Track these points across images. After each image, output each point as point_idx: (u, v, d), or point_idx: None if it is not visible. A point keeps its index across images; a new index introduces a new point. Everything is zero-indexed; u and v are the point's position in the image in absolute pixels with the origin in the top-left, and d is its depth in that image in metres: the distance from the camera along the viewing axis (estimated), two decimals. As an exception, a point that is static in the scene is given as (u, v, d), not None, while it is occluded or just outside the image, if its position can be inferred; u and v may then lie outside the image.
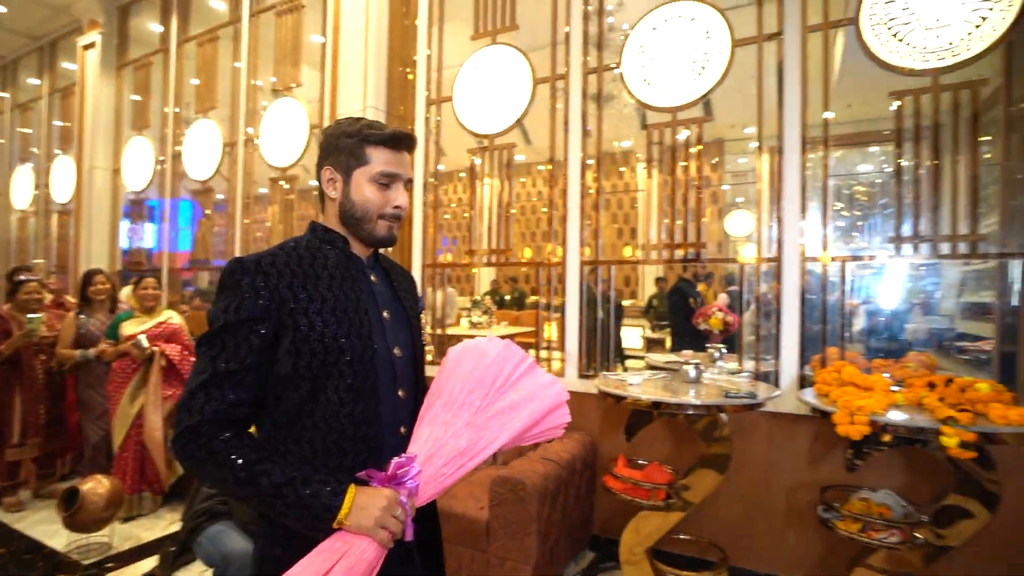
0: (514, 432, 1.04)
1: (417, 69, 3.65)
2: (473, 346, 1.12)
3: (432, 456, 1.00)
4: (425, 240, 3.59)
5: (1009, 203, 2.44)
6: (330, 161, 1.12)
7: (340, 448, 1.02)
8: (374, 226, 1.11)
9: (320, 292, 1.05)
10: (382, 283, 1.17)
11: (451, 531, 2.46)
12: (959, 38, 2.26)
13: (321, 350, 1.02)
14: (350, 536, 0.94)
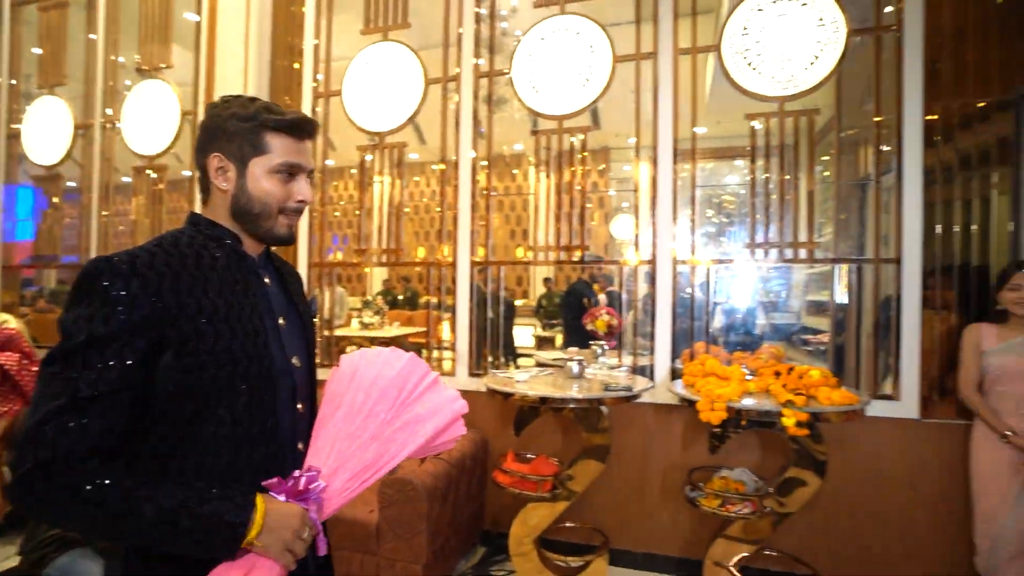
0: (418, 444, 1.01)
1: (304, 59, 3.49)
2: (375, 355, 1.06)
3: (338, 469, 0.94)
4: (312, 238, 3.45)
5: (840, 216, 2.85)
6: (219, 147, 0.97)
7: (234, 473, 0.92)
8: (274, 223, 1.00)
9: (210, 298, 0.92)
10: (276, 285, 1.06)
11: (339, 536, 2.40)
12: (800, 71, 2.59)
13: (212, 364, 0.90)
14: (253, 557, 0.84)
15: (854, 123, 2.74)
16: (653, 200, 2.85)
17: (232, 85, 3.46)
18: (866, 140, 2.68)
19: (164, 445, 0.89)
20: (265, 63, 3.54)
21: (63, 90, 4.14)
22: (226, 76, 3.49)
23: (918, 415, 2.50)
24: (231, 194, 0.98)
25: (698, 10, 2.85)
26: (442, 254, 3.20)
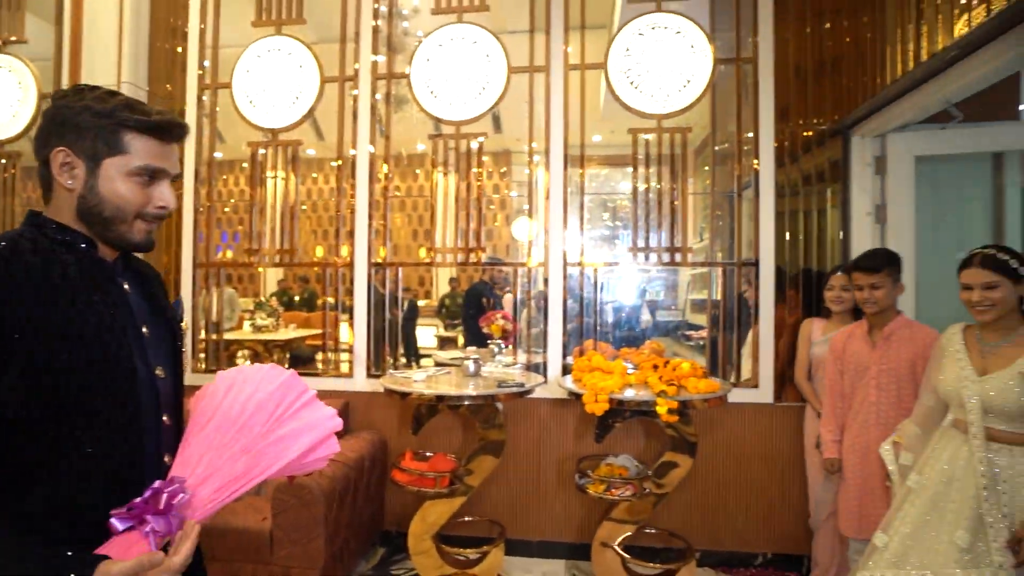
0: (288, 460, 1.00)
1: (188, 45, 3.29)
2: (254, 372, 1.05)
3: (207, 479, 0.92)
4: (198, 237, 3.26)
5: (717, 224, 3.17)
6: (66, 141, 0.89)
7: (93, 498, 0.86)
8: (128, 228, 0.93)
9: (61, 309, 0.84)
10: (136, 292, 1.00)
11: (229, 548, 2.32)
12: (675, 92, 2.86)
13: (67, 383, 0.83)
14: None
15: (728, 139, 3.07)
16: (546, 205, 3.01)
17: (103, 67, 3.17)
18: (734, 155, 3.02)
19: (18, 476, 0.81)
20: (143, 43, 3.28)
21: None
22: (96, 56, 3.20)
23: (772, 400, 2.86)
24: (77, 193, 0.91)
25: (589, 25, 3.05)
26: (339, 254, 3.16)
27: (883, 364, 2.14)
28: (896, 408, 2.11)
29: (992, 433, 1.66)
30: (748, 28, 2.91)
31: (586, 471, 2.56)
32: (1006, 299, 1.67)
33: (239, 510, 2.40)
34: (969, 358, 1.75)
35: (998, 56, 1.94)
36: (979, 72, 2.06)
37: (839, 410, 2.30)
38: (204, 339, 3.28)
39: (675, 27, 2.85)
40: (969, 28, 1.92)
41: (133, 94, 3.08)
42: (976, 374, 1.71)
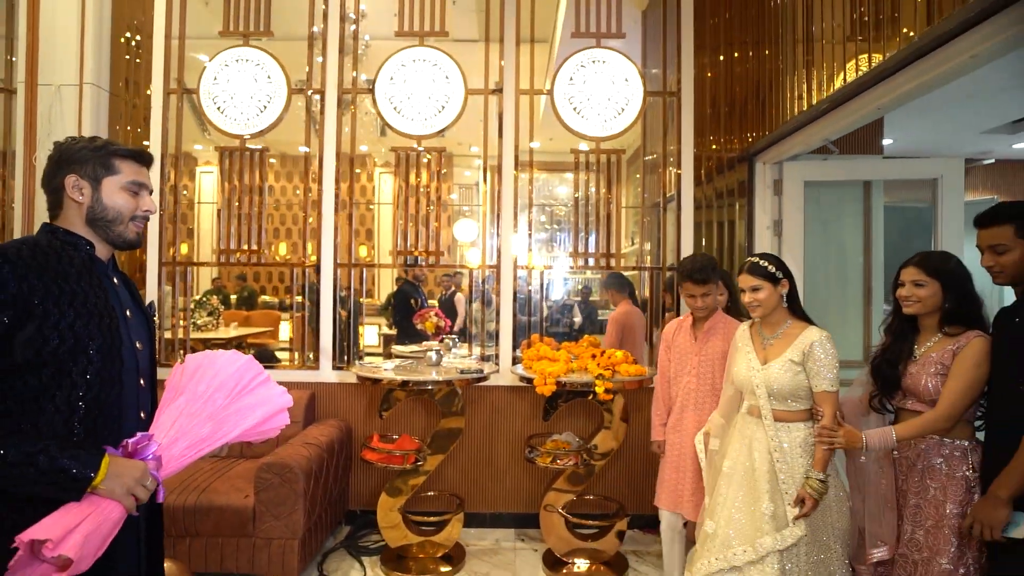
0: (247, 426, 1.24)
1: (154, 50, 3.38)
2: (218, 355, 1.28)
3: (177, 439, 1.15)
4: (163, 237, 3.37)
5: (645, 231, 3.64)
6: (74, 169, 1.22)
7: (84, 427, 1.11)
8: (125, 228, 1.26)
9: (69, 286, 1.13)
10: (122, 285, 1.31)
11: (213, 524, 2.53)
12: (611, 117, 3.30)
13: (70, 337, 1.10)
14: (98, 499, 1.04)
15: (656, 150, 3.52)
16: (498, 212, 3.37)
17: (63, 65, 3.20)
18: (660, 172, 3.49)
19: (18, 407, 1.08)
20: (105, 46, 3.34)
21: None
22: (55, 54, 3.20)
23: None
24: (87, 206, 1.23)
25: (536, 39, 3.42)
26: (288, 254, 3.37)
27: (702, 355, 2.36)
28: (710, 395, 2.34)
29: (776, 414, 1.91)
30: (673, 66, 3.39)
31: (535, 446, 2.95)
32: (769, 299, 1.93)
33: (222, 490, 2.61)
34: (755, 350, 1.99)
35: (864, 107, 2.45)
36: (849, 119, 2.59)
37: (667, 395, 2.50)
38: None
39: (612, 62, 3.29)
40: (844, 83, 2.42)
41: (95, 95, 3.19)
42: (760, 364, 1.96)
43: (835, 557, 1.90)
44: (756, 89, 3.22)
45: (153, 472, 1.10)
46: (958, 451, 1.74)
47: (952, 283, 1.78)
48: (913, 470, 1.81)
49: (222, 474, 2.80)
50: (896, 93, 2.16)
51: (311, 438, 2.87)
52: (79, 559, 0.97)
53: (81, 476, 1.02)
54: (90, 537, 1.00)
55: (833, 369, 1.87)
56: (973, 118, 4.10)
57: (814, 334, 1.90)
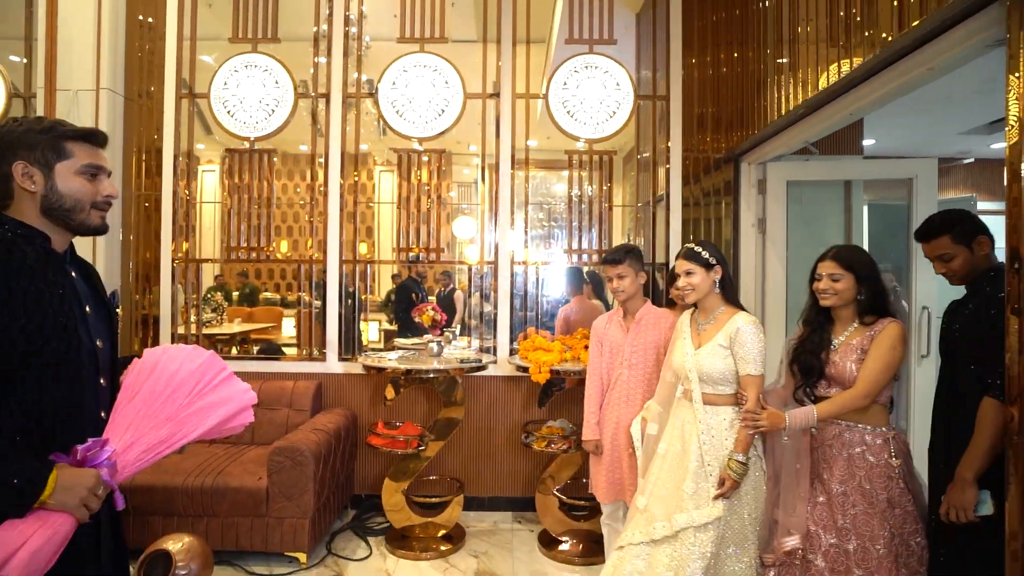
0: (208, 426, 1.18)
1: (166, 54, 3.53)
2: (177, 351, 1.21)
3: (133, 443, 1.09)
4: (176, 235, 3.53)
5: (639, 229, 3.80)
6: (21, 156, 1.11)
7: (40, 432, 1.05)
8: (87, 216, 1.16)
9: (21, 285, 1.04)
10: (82, 279, 1.21)
11: (228, 505, 2.70)
12: (603, 120, 3.46)
13: (22, 341, 1.02)
14: (46, 513, 0.97)
15: (647, 149, 3.68)
16: (495, 209, 3.54)
17: (80, 71, 3.35)
18: (650, 171, 3.65)
19: None
20: (120, 52, 3.49)
21: None
22: (71, 60, 3.35)
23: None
24: (40, 194, 1.12)
25: (532, 39, 3.58)
26: (290, 251, 3.53)
27: (634, 346, 2.38)
28: (643, 385, 2.36)
29: (706, 397, 1.96)
30: (663, 70, 3.55)
31: (531, 432, 3.12)
32: (702, 284, 1.98)
33: (237, 473, 2.78)
34: (691, 336, 2.04)
35: (839, 112, 2.60)
36: (827, 123, 2.73)
37: (600, 392, 2.50)
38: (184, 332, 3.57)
39: (604, 67, 3.45)
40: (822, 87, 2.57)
41: (111, 100, 3.35)
42: (694, 349, 2.00)
43: (750, 547, 1.92)
44: (741, 91, 3.37)
45: (106, 479, 1.04)
46: (880, 439, 1.81)
47: (865, 275, 1.86)
48: (838, 459, 1.84)
49: (235, 459, 2.96)
50: (867, 99, 2.30)
51: (319, 425, 3.04)
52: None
53: (28, 492, 0.96)
54: (37, 554, 0.95)
55: (758, 354, 1.90)
56: (951, 120, 4.28)
57: (741, 319, 1.94)
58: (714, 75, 3.52)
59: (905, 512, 1.79)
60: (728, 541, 1.92)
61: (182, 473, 2.75)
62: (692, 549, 1.86)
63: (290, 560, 2.79)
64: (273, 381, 3.40)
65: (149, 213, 3.56)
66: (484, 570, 2.83)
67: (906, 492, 1.80)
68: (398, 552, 2.94)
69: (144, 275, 3.56)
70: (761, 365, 1.92)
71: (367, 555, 2.94)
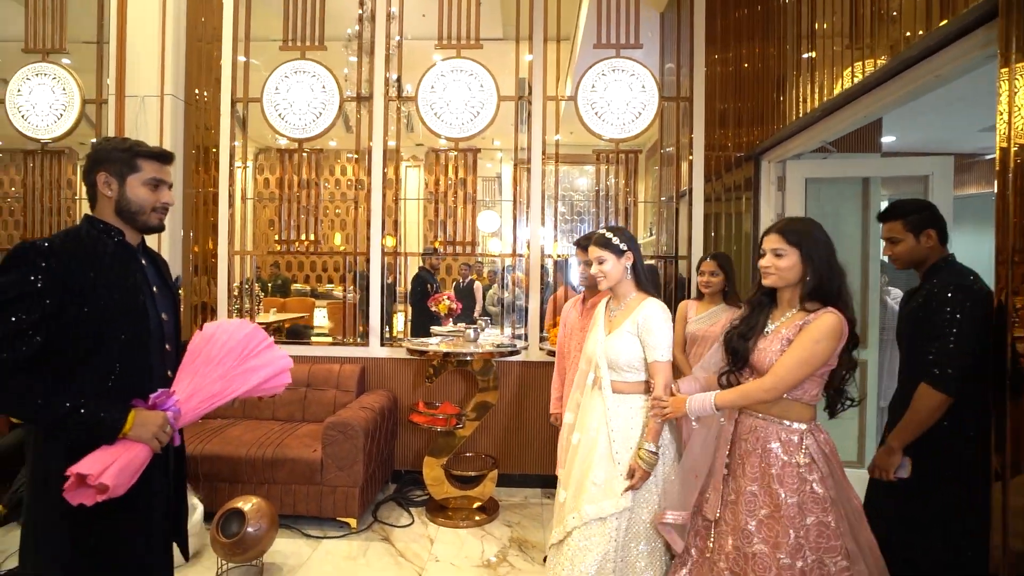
0: (251, 384, 1.45)
1: (222, 62, 3.82)
2: (228, 324, 1.48)
3: (193, 394, 1.38)
4: (232, 230, 3.83)
5: (662, 223, 4.00)
6: (104, 168, 1.40)
7: (119, 387, 1.33)
8: (148, 217, 1.44)
9: (102, 271, 1.33)
10: (150, 265, 1.50)
11: (286, 473, 2.98)
12: (629, 121, 3.65)
13: (105, 315, 1.31)
14: (128, 442, 1.28)
15: (671, 144, 3.86)
16: (527, 206, 3.76)
17: (146, 78, 3.64)
18: (673, 166, 3.83)
19: (66, 370, 1.30)
20: (181, 59, 3.78)
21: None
22: (139, 69, 3.65)
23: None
24: (114, 199, 1.41)
25: (561, 37, 3.79)
26: (333, 243, 3.78)
27: (585, 330, 2.37)
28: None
29: (614, 385, 1.92)
30: (687, 70, 3.73)
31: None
32: (613, 271, 1.94)
33: (294, 445, 3.06)
34: (604, 323, 2.00)
35: (856, 114, 2.71)
36: (844, 123, 2.87)
37: (563, 369, 2.57)
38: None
39: (630, 70, 3.64)
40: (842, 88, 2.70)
41: (174, 105, 3.64)
42: (605, 336, 1.96)
43: (660, 540, 1.88)
44: (762, 88, 3.52)
45: (171, 421, 1.34)
46: (795, 435, 1.61)
47: (814, 254, 1.60)
48: (751, 455, 1.66)
49: (291, 433, 3.25)
50: (884, 102, 2.43)
51: (366, 404, 3.31)
52: (114, 486, 1.23)
53: (114, 426, 1.27)
54: (123, 470, 1.25)
55: (665, 339, 1.86)
56: (970, 117, 4.36)
57: (649, 305, 1.90)
58: (736, 72, 3.68)
59: (820, 524, 1.54)
60: (638, 535, 1.87)
61: (245, 445, 3.04)
62: (592, 541, 1.83)
63: (341, 525, 3.07)
64: (321, 364, 3.68)
65: (206, 209, 3.86)
66: (517, 537, 3.08)
67: (822, 500, 1.55)
68: (438, 520, 3.20)
69: (201, 266, 3.87)
70: (668, 351, 1.86)
71: (410, 523, 3.21)
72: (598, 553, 1.81)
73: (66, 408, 1.22)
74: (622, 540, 1.84)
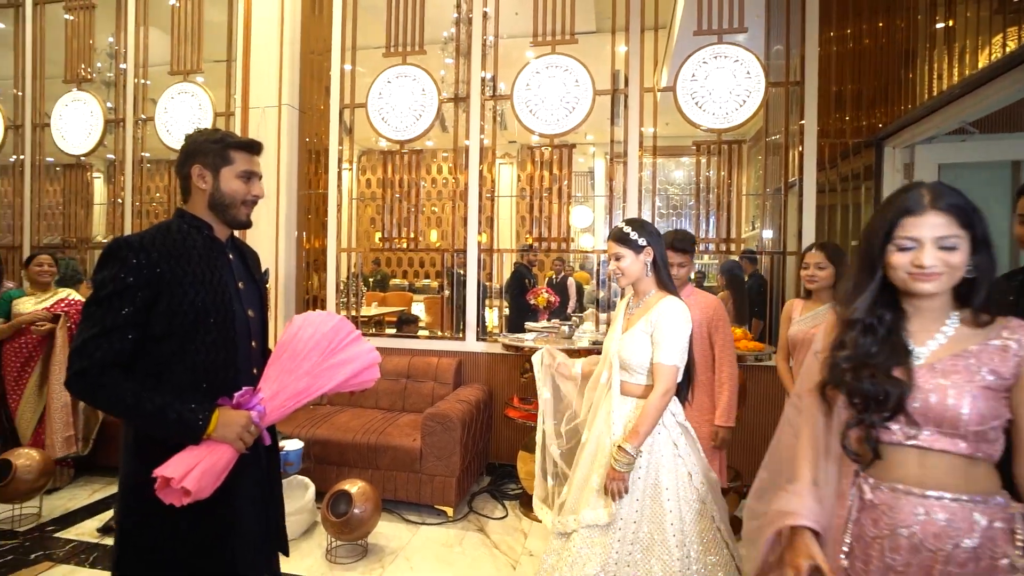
0: (339, 380, 1.39)
1: (332, 72, 4.08)
2: (315, 317, 1.43)
3: (279, 392, 1.34)
4: (340, 228, 4.09)
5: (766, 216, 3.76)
6: (199, 161, 1.38)
7: (206, 385, 1.31)
8: (237, 211, 1.41)
9: (191, 267, 1.31)
10: (237, 260, 1.47)
11: (388, 460, 3.14)
12: (733, 110, 3.46)
13: (192, 312, 1.29)
14: (213, 443, 1.25)
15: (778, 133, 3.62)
16: (623, 200, 3.68)
17: (267, 91, 3.98)
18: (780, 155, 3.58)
19: (156, 368, 1.28)
20: (296, 73, 4.09)
21: (88, 86, 4.54)
22: (260, 84, 3.99)
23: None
24: (209, 192, 1.39)
25: (657, 25, 3.68)
26: (430, 240, 3.89)
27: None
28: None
29: (622, 386, 1.81)
30: (797, 52, 3.47)
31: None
32: (632, 267, 1.81)
33: (395, 434, 3.22)
34: (623, 320, 1.88)
35: (1012, 85, 2.38)
36: (995, 99, 2.53)
37: None
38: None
39: (734, 56, 3.45)
40: (989, 60, 2.39)
41: (290, 114, 3.92)
42: (621, 334, 1.84)
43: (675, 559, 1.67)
44: (886, 66, 3.21)
45: (256, 420, 1.30)
46: (1006, 518, 1.06)
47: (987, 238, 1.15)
48: (915, 556, 1.05)
49: (392, 422, 3.41)
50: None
51: (463, 397, 3.40)
52: (197, 490, 1.20)
53: (197, 427, 1.24)
54: (206, 472, 1.22)
55: (675, 341, 1.71)
56: None
57: (666, 303, 1.76)
58: (855, 50, 3.38)
59: None
60: (655, 551, 1.69)
61: (351, 431, 3.24)
62: (594, 550, 1.72)
63: (438, 512, 3.18)
64: (420, 357, 3.83)
65: (316, 209, 4.14)
66: (611, 538, 3.03)
67: None
68: (531, 515, 3.23)
69: (312, 262, 4.16)
70: (676, 356, 1.72)
71: (504, 515, 3.26)
72: (597, 563, 1.71)
73: (153, 407, 1.21)
74: (626, 553, 1.70)
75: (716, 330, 2.44)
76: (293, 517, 2.88)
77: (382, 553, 2.80)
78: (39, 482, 2.95)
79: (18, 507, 3.02)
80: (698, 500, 1.74)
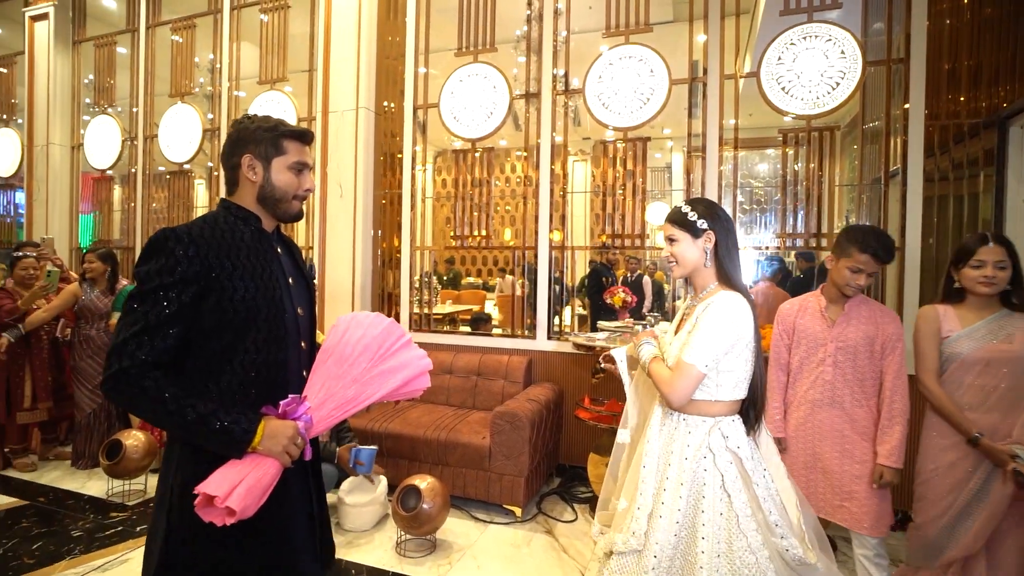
0: (388, 389, 1.28)
1: (405, 75, 4.18)
2: (364, 318, 1.33)
3: (325, 401, 1.23)
4: (414, 227, 4.17)
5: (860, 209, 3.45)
6: (249, 150, 1.28)
7: (256, 387, 1.22)
8: (288, 205, 1.32)
9: (240, 261, 1.22)
10: (286, 254, 1.37)
11: (457, 457, 3.15)
12: (824, 94, 3.19)
13: (243, 309, 1.19)
14: (258, 456, 1.14)
15: (878, 117, 3.30)
16: (702, 195, 3.49)
17: (344, 96, 4.13)
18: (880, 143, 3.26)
19: (204, 366, 1.19)
20: (372, 77, 4.22)
21: (188, 98, 4.92)
22: (339, 89, 4.15)
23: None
24: (259, 184, 1.29)
25: (738, 11, 3.47)
26: (503, 238, 3.87)
27: (840, 342, 2.07)
28: (849, 387, 2.07)
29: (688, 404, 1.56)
30: (900, 26, 3.14)
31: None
32: (687, 254, 1.56)
33: (465, 431, 3.23)
34: (677, 321, 1.67)
35: None
36: None
37: (784, 386, 2.23)
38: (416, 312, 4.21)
39: (825, 35, 3.17)
40: None
41: (366, 116, 4.03)
42: (673, 336, 1.61)
43: None
44: (1012, 38, 2.85)
45: (302, 432, 1.19)
46: None
47: None
48: None
49: (462, 419, 3.43)
50: None
51: (532, 396, 3.36)
52: (242, 509, 1.08)
53: (242, 439, 1.12)
54: (252, 489, 1.10)
55: (710, 341, 1.44)
56: None
57: (720, 297, 1.49)
58: (972, 20, 3.01)
59: None
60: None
61: (422, 427, 3.29)
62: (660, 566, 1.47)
63: (507, 512, 3.16)
64: (490, 355, 3.83)
65: (392, 208, 4.25)
66: (687, 549, 2.88)
67: None
68: (601, 520, 3.14)
69: (387, 260, 4.28)
70: (705, 356, 1.44)
71: (573, 519, 3.19)
72: None
73: (196, 415, 1.10)
74: None
75: (892, 351, 2.06)
76: (365, 508, 2.96)
77: (450, 549, 2.81)
78: (144, 461, 3.22)
79: (127, 483, 3.31)
80: (748, 551, 1.41)
